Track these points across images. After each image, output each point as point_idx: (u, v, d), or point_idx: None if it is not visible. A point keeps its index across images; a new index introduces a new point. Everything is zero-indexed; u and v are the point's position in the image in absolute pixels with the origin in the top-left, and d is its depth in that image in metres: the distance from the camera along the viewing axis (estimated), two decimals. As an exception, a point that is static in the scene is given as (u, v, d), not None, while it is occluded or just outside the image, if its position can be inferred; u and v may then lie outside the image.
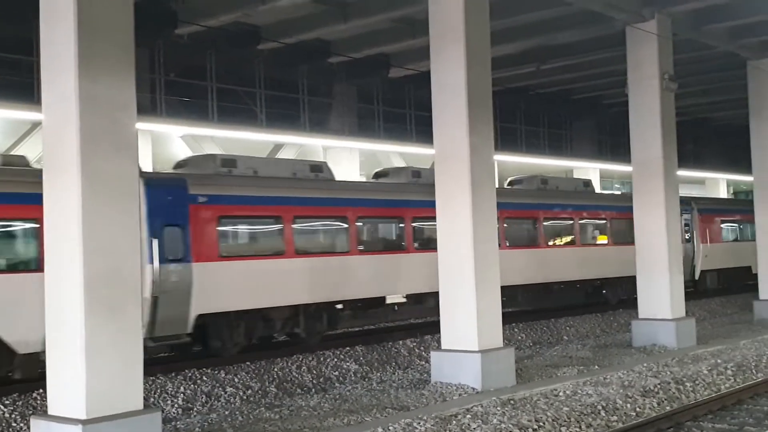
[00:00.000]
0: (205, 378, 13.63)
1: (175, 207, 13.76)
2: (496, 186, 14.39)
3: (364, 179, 24.15)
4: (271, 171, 15.83)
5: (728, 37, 19.99)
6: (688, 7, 17.69)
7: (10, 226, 12.30)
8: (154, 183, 13.57)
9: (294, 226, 15.42)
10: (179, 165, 15.96)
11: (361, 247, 16.57)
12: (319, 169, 16.75)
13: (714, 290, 26.71)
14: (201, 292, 13.76)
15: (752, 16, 18.40)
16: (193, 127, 20.98)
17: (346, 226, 16.39)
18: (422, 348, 16.57)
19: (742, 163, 28.34)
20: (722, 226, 27.23)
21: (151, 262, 13.09)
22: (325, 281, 15.63)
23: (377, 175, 19.64)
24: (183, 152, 24.87)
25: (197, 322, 13.91)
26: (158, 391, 12.88)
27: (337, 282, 15.87)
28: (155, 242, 13.16)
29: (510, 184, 22.48)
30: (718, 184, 39.30)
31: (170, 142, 23.78)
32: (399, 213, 17.32)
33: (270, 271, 14.86)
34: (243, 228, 15.46)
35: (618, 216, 22.58)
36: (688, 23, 18.57)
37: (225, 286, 14.25)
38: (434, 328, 15.01)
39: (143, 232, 12.55)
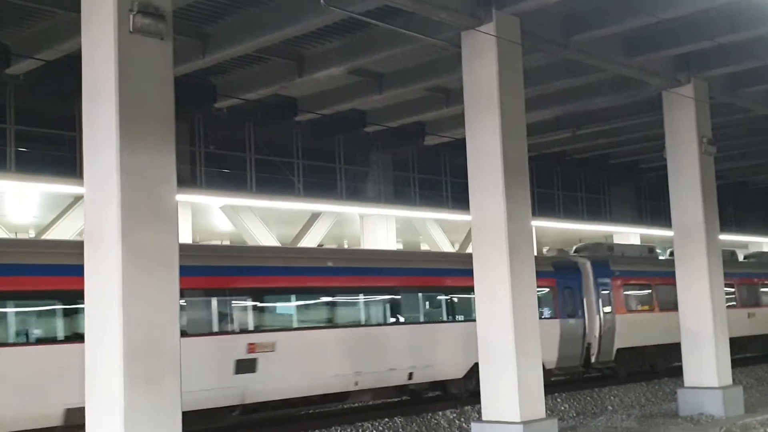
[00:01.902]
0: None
1: (606, 278, 21.06)
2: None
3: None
4: (634, 251, 24.75)
5: (766, 99, 19.87)
6: (725, 71, 17.63)
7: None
8: (595, 263, 21.02)
9: (652, 290, 22.70)
10: (578, 250, 23.86)
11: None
12: (652, 250, 25.57)
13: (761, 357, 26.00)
14: (620, 334, 20.92)
15: (789, 78, 18.30)
16: (232, 198, 21.23)
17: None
18: (462, 419, 16.25)
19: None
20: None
21: (598, 313, 20.43)
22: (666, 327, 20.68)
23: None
24: (222, 223, 25.18)
25: (617, 353, 20.99)
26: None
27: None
28: (600, 301, 20.53)
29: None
30: (762, 248, 38.63)
31: (210, 213, 24.10)
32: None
33: (654, 320, 21.83)
34: (635, 291, 22.37)
35: None
36: (725, 87, 18.50)
37: (631, 330, 21.19)
38: (475, 399, 14.73)
39: (590, 294, 20.47)
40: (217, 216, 24.68)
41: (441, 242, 27.15)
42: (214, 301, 13.87)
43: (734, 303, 24.67)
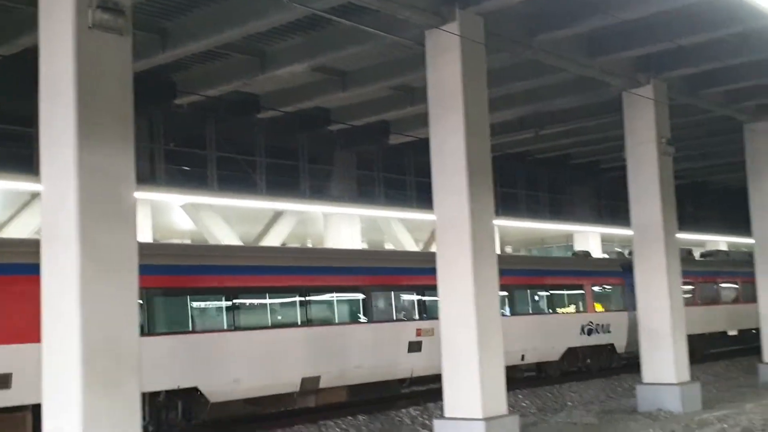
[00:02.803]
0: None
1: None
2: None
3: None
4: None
5: (724, 101, 20.19)
6: (684, 72, 17.88)
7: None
8: (624, 266, 22.25)
9: (694, 286, 25.02)
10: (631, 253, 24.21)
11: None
12: (690, 252, 27.70)
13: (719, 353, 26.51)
14: None
15: (747, 80, 18.60)
16: (193, 196, 21.04)
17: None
18: (425, 416, 16.29)
19: (742, 226, 28.35)
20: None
21: (626, 309, 22.60)
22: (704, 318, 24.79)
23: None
24: (183, 222, 24.96)
25: None
26: (155, 464, 12.62)
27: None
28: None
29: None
30: (718, 246, 39.25)
31: (170, 211, 23.87)
32: None
33: (695, 312, 22.90)
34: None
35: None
36: (684, 88, 18.76)
37: None
38: (437, 395, 14.78)
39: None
40: (177, 214, 24.47)
41: (405, 241, 27.20)
42: (395, 295, 17.91)
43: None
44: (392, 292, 17.89)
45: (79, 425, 8.61)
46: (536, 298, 21.54)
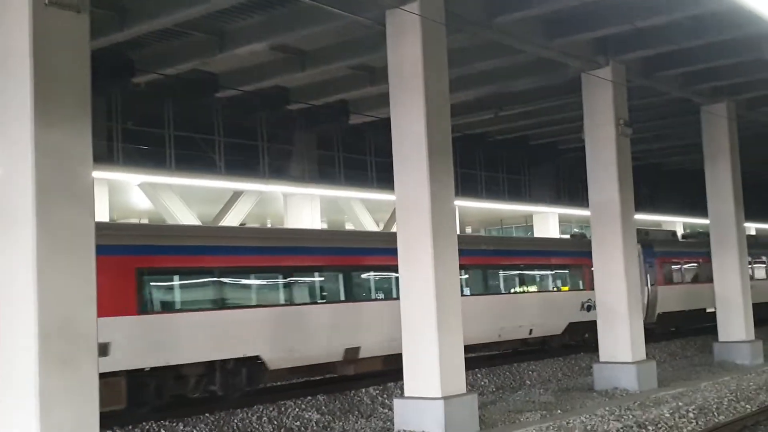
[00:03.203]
0: (162, 431, 13.31)
1: (651, 258, 25.76)
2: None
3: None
4: (664, 236, 29.19)
5: (681, 83, 20.45)
6: (641, 54, 18.07)
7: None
8: (644, 247, 24.55)
9: (680, 267, 27.75)
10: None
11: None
12: (675, 234, 30.98)
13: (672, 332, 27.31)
14: (660, 301, 25.81)
15: (704, 63, 18.85)
16: (150, 176, 20.80)
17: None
18: (385, 396, 16.39)
19: (698, 207, 28.87)
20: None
21: (646, 285, 24.80)
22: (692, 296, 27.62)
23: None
24: (140, 201, 24.69)
25: (658, 316, 25.70)
26: (114, 446, 12.55)
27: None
28: (648, 276, 25.29)
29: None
30: (675, 227, 39.89)
31: (128, 190, 23.59)
32: None
33: (683, 290, 26.22)
34: (670, 268, 27.08)
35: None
36: (642, 70, 18.97)
37: (668, 298, 25.68)
38: (398, 375, 14.88)
39: (641, 271, 23.31)
40: (135, 194, 24.19)
41: (366, 222, 27.22)
42: (485, 272, 20.79)
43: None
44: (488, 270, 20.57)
45: (35, 406, 8.52)
46: (541, 277, 23.39)
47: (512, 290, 22.00)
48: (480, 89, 20.13)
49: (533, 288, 22.87)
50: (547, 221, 33.38)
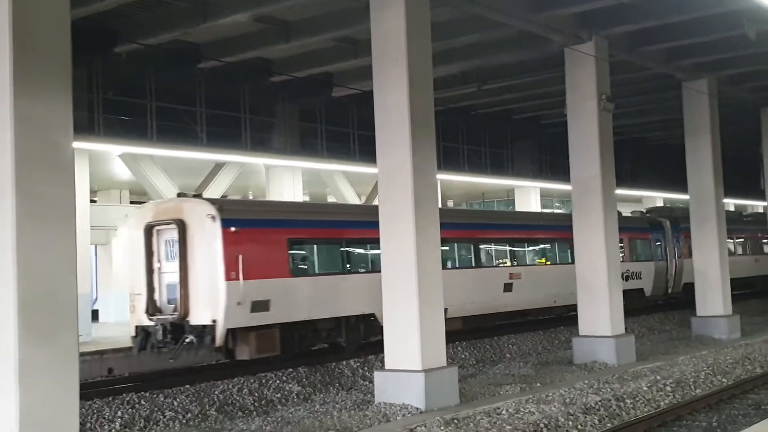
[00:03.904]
0: (143, 402, 13.36)
1: (678, 232, 28.14)
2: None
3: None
4: (685, 212, 27.38)
5: (663, 58, 20.49)
6: (624, 29, 18.08)
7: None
8: (672, 222, 28.25)
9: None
10: (648, 211, 31.82)
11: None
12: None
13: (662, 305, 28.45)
14: (686, 272, 27.15)
15: (686, 38, 18.90)
16: (131, 147, 20.66)
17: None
18: (366, 368, 16.49)
19: (678, 182, 29.04)
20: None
21: (674, 258, 27.91)
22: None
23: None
24: (121, 172, 24.54)
25: (683, 286, 27.40)
26: (95, 416, 12.60)
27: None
28: (676, 249, 28.12)
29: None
30: (655, 202, 40.16)
31: (109, 161, 23.43)
32: None
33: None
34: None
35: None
36: (625, 45, 18.98)
37: (692, 270, 24.28)
38: (378, 347, 14.97)
39: (670, 244, 28.06)
40: (116, 165, 24.03)
41: (348, 194, 27.20)
42: (494, 245, 21.97)
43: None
44: (492, 244, 21.95)
45: (14, 377, 8.50)
46: (562, 250, 24.47)
47: (566, 262, 23.47)
48: (463, 63, 20.10)
49: (557, 260, 24.33)
50: (529, 195, 33.50)
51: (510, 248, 22.42)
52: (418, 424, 11.31)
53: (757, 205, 43.63)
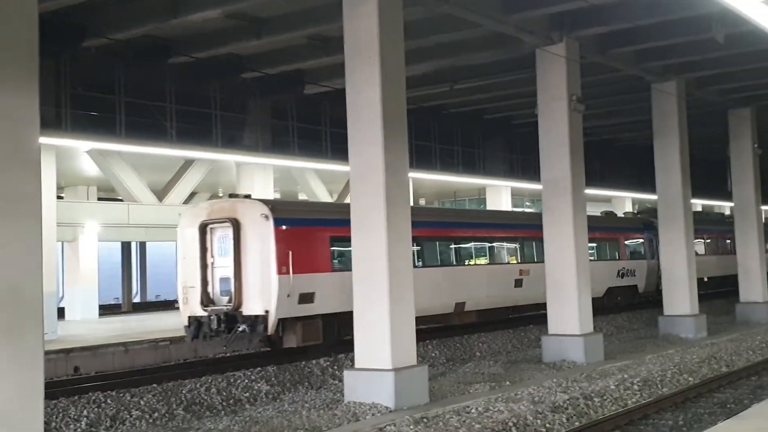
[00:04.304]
0: (109, 401, 13.22)
1: (652, 234, 28.34)
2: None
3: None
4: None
5: (633, 60, 20.66)
6: (595, 31, 18.20)
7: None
8: (645, 224, 29.58)
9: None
10: (641, 212, 33.97)
11: None
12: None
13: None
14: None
15: (656, 41, 19.08)
16: (100, 143, 20.43)
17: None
18: (336, 367, 16.45)
19: (647, 182, 29.33)
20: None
21: (651, 258, 28.58)
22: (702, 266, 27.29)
23: None
24: (89, 168, 24.26)
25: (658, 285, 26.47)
26: (60, 415, 12.44)
27: None
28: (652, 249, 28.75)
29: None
30: (624, 202, 40.52)
31: (76, 157, 23.16)
32: None
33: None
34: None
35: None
36: (595, 47, 19.11)
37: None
38: (348, 347, 14.94)
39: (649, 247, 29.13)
40: (84, 161, 23.75)
41: (319, 192, 27.12)
42: (505, 243, 23.41)
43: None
44: (504, 243, 23.41)
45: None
46: (594, 248, 25.94)
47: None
48: (436, 62, 20.12)
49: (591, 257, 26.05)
50: (500, 194, 33.64)
51: (519, 246, 23.89)
52: (388, 423, 11.30)
53: (724, 206, 44.19)
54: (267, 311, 16.01)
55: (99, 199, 28.93)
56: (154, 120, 21.18)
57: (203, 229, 16.87)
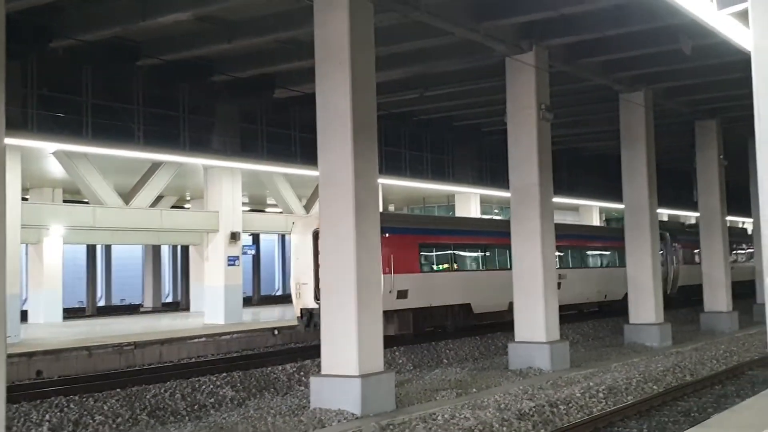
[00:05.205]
0: (72, 405, 13.05)
1: (676, 243, 33.37)
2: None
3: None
4: (677, 226, 37.07)
5: (602, 70, 20.85)
6: (565, 40, 18.34)
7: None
8: (672, 234, 33.56)
9: (693, 251, 33.13)
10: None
11: None
12: (684, 224, 39.55)
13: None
14: (681, 277, 33.30)
15: (624, 51, 19.27)
16: (66, 144, 20.17)
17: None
18: (302, 373, 16.38)
19: (614, 191, 29.58)
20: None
21: (672, 264, 32.94)
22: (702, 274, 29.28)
23: None
24: (55, 170, 23.95)
25: (679, 288, 32.89)
26: (22, 419, 12.25)
27: None
28: (674, 257, 33.18)
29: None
30: (591, 211, 40.84)
31: (42, 159, 22.84)
32: None
33: (696, 269, 28.23)
34: (687, 252, 33.70)
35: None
36: (565, 56, 19.26)
37: (686, 275, 32.91)
38: (315, 352, 14.88)
39: (670, 253, 32.99)
40: (50, 162, 23.42)
41: (288, 197, 27.02)
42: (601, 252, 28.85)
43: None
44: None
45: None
46: (615, 256, 29.83)
47: (610, 265, 30.22)
48: (407, 68, 20.14)
49: (614, 264, 29.88)
50: (469, 201, 33.75)
51: (560, 254, 26.90)
52: (354, 430, 11.26)
53: (690, 216, 44.75)
54: None
55: (64, 201, 28.54)
56: (121, 122, 20.97)
57: (316, 235, 18.09)
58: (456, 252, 23.00)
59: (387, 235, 18.73)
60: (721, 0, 6.40)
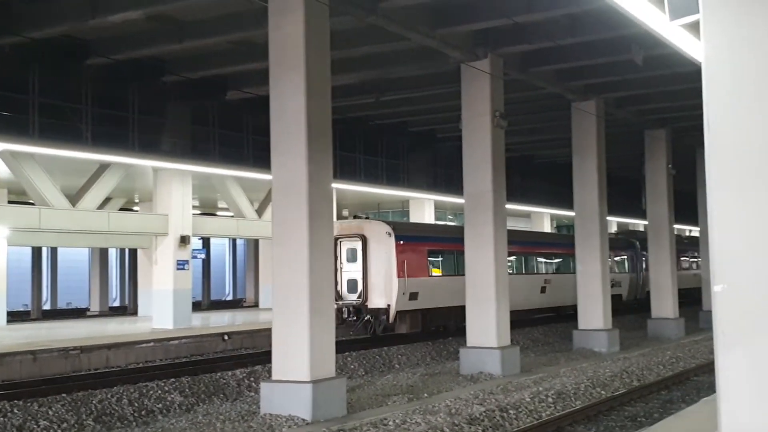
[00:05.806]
0: (16, 410, 12.73)
1: (644, 251, 32.68)
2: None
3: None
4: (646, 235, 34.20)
5: (555, 79, 21.05)
6: (519, 48, 18.47)
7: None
8: (640, 242, 35.09)
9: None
10: (620, 233, 39.90)
11: None
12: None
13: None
14: (644, 282, 34.40)
15: (577, 60, 19.49)
16: (11, 144, 19.68)
17: None
18: (252, 379, 16.20)
19: (565, 198, 29.91)
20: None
21: (641, 271, 35.36)
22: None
23: None
24: (0, 169, 23.39)
25: (646, 293, 31.61)
26: (-38, 427, 11.88)
27: None
28: (642, 264, 34.86)
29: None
30: (543, 217, 41.22)
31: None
32: None
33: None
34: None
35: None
36: (519, 64, 19.40)
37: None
38: (265, 358, 14.72)
39: (639, 260, 36.01)
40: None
41: (240, 201, 26.77)
42: (535, 258, 29.27)
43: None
44: (535, 256, 28.97)
45: None
46: (617, 263, 32.37)
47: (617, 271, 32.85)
48: (362, 73, 20.10)
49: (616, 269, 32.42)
50: (423, 207, 33.80)
51: (545, 260, 29.73)
52: (305, 436, 11.14)
53: (638, 224, 45.41)
54: (389, 305, 21.53)
55: (9, 202, 27.89)
56: (69, 122, 20.54)
57: (334, 242, 18.31)
58: (459, 258, 23.38)
59: (401, 242, 21.67)
60: (673, 11, 6.44)
